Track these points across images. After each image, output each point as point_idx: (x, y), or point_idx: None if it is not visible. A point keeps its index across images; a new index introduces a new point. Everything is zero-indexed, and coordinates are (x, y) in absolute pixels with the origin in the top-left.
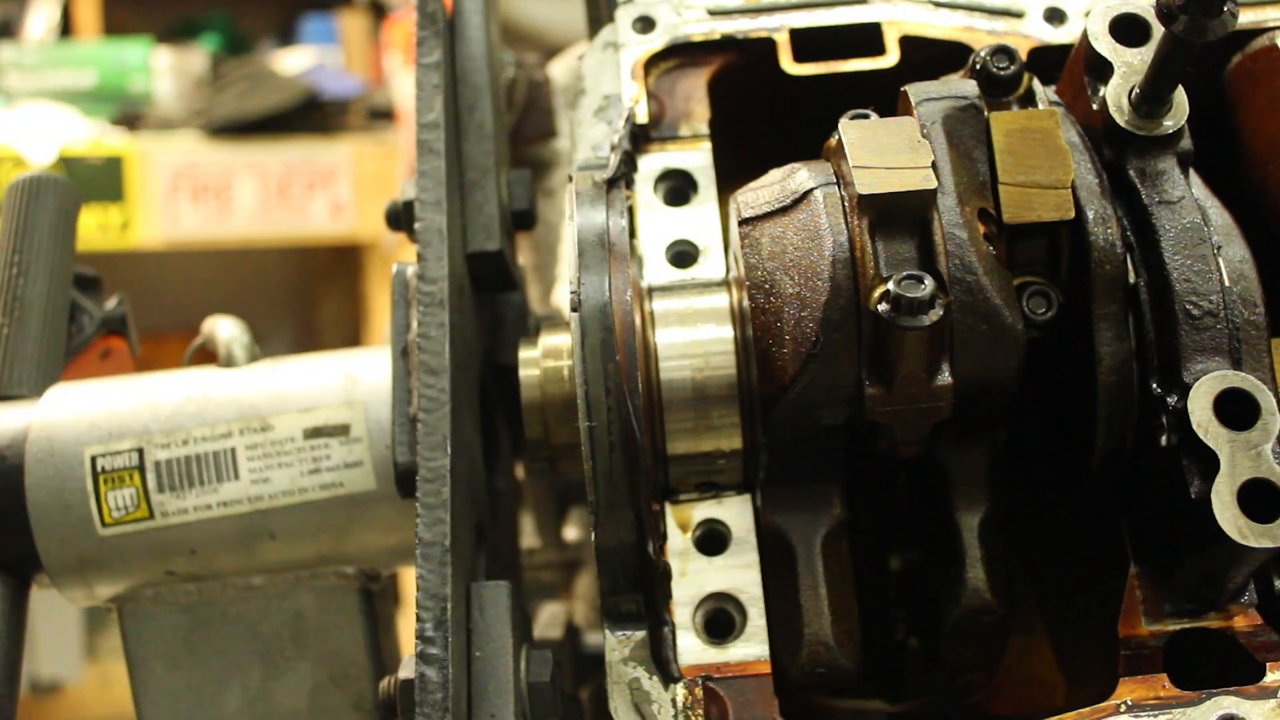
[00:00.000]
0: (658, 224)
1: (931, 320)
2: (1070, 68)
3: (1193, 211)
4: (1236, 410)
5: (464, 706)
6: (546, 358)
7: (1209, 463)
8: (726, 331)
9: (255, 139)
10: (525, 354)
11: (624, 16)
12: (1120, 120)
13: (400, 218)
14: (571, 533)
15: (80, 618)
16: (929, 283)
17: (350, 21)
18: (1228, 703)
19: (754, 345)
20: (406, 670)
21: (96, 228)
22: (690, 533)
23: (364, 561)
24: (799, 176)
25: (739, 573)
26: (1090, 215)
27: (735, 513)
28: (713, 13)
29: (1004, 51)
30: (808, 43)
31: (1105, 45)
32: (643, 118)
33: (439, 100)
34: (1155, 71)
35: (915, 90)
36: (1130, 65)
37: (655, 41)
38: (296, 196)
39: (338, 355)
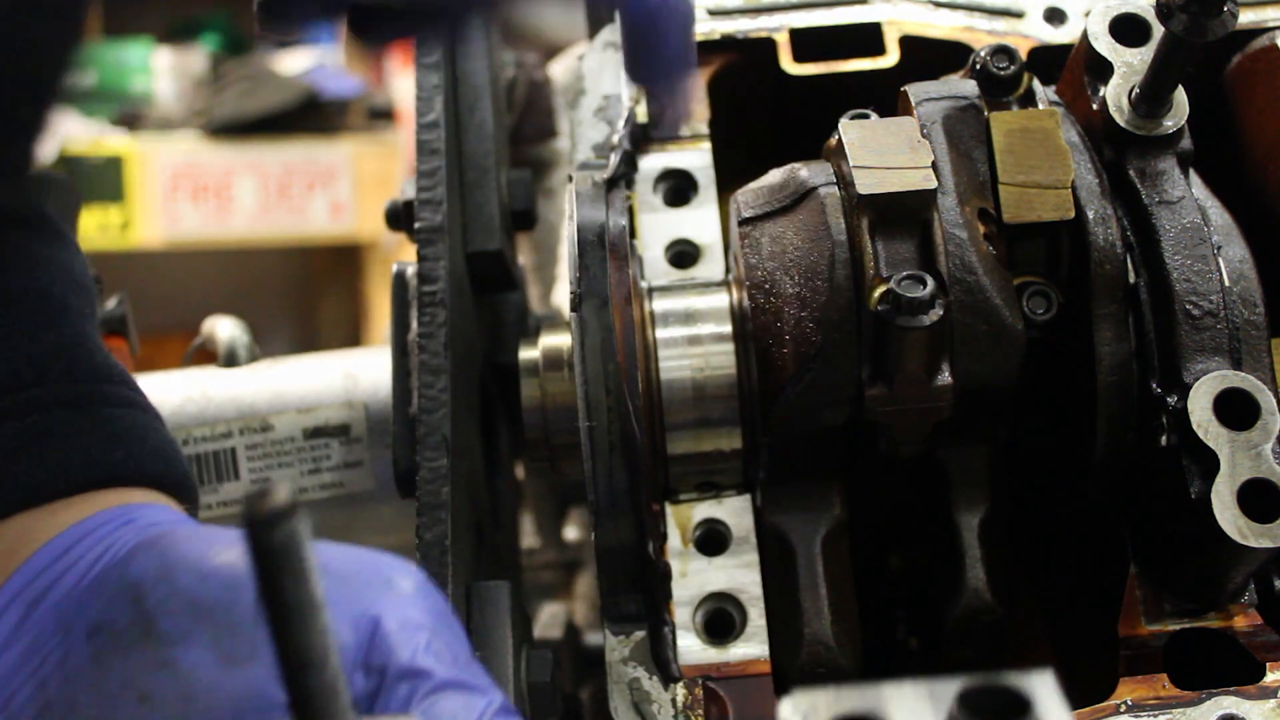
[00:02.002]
0: (658, 224)
1: (931, 320)
2: (1070, 68)
3: (1193, 211)
4: (1236, 410)
5: None
6: (546, 358)
7: (1209, 463)
8: (727, 331)
9: (255, 139)
10: (525, 354)
11: None
12: (1120, 120)
13: (400, 218)
14: (571, 533)
15: None
16: (929, 283)
17: None
18: (1228, 703)
19: (754, 345)
20: None
21: (96, 228)
22: (690, 533)
23: None
24: (799, 176)
25: (739, 573)
26: (1090, 215)
27: (735, 513)
28: (713, 13)
29: (1004, 51)
30: (808, 43)
31: (1105, 45)
32: (643, 118)
33: (439, 100)
34: (1155, 71)
35: (915, 90)
36: (1130, 65)
37: None
38: (296, 196)
39: (338, 355)
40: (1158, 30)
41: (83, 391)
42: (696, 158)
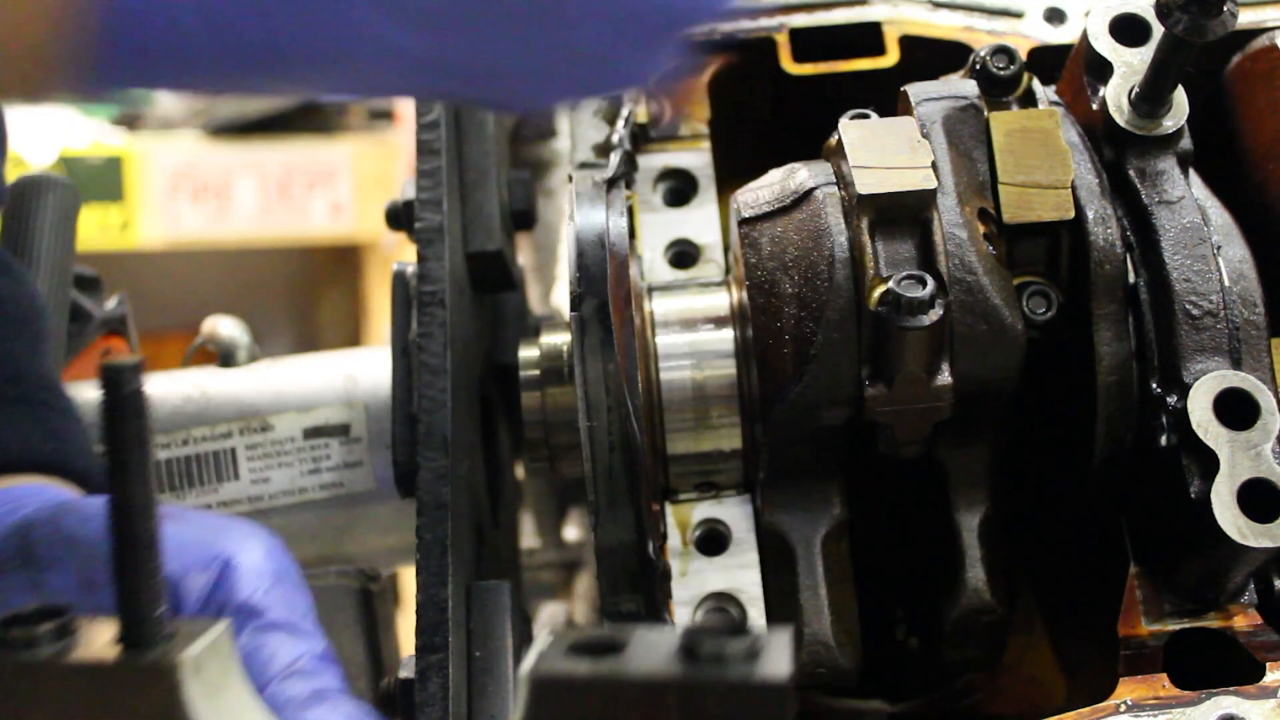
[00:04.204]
0: (658, 224)
1: (931, 320)
2: (1070, 68)
3: (1193, 211)
4: (1236, 410)
5: (464, 706)
6: (546, 358)
7: (1209, 462)
8: (726, 331)
9: (255, 139)
10: (525, 354)
11: None
12: (1120, 120)
13: (400, 218)
14: (571, 533)
15: None
16: (929, 283)
17: None
18: (1228, 703)
19: (754, 345)
20: (406, 670)
21: (96, 228)
22: (690, 533)
23: (364, 561)
24: (799, 176)
25: (739, 573)
26: (1090, 215)
27: (735, 513)
28: None
29: (1004, 51)
30: (808, 43)
31: (1105, 45)
32: (643, 118)
33: (439, 100)
34: (1155, 71)
35: (915, 90)
36: (1130, 65)
37: None
38: (296, 196)
39: (338, 355)
40: (1158, 30)
41: (26, 394)
42: (696, 158)
